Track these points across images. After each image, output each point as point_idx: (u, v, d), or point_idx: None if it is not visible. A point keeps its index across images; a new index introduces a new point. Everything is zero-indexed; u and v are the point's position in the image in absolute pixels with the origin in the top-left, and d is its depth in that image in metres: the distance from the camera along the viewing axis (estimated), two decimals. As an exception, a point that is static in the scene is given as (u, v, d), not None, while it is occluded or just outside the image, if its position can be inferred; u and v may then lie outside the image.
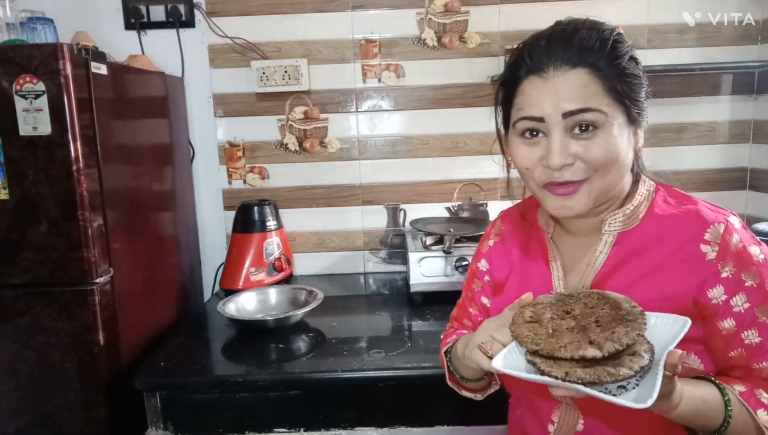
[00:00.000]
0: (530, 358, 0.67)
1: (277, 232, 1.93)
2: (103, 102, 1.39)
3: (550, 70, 0.76)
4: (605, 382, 0.61)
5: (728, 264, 0.74)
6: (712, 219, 0.77)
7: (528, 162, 0.80)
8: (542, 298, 0.76)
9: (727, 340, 0.76)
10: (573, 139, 0.75)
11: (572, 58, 0.75)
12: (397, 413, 1.33)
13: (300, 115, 1.98)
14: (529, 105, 0.77)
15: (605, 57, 0.75)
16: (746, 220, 1.96)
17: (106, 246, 1.39)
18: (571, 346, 0.64)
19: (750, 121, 1.96)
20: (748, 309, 0.74)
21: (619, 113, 0.76)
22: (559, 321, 0.70)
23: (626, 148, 0.78)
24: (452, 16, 1.92)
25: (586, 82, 0.74)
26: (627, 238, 0.82)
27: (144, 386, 1.32)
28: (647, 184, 0.86)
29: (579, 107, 0.74)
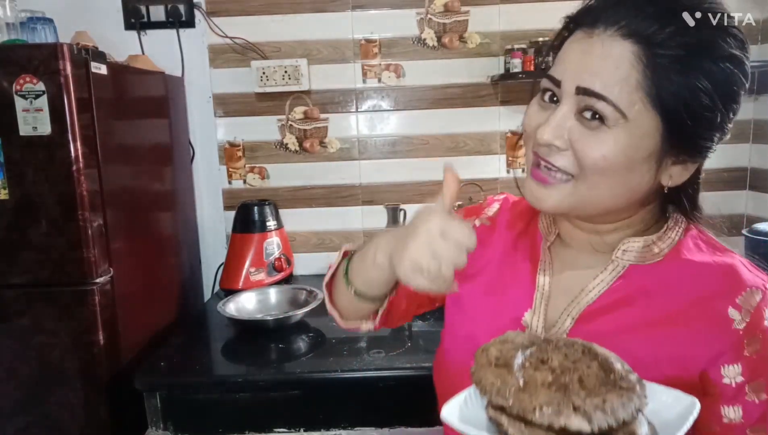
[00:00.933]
0: (493, 415, 0.52)
1: (277, 232, 1.93)
2: (103, 102, 1.39)
3: (599, 26, 0.58)
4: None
5: (755, 342, 0.59)
6: (751, 282, 0.62)
7: (528, 124, 0.65)
8: (512, 335, 0.59)
9: (727, 432, 0.61)
10: (578, 121, 0.60)
11: (632, 23, 0.56)
12: (397, 413, 1.33)
13: (300, 115, 1.98)
14: (559, 61, 0.62)
15: (678, 43, 0.55)
16: (746, 220, 1.97)
17: (106, 246, 1.39)
18: (550, 409, 0.48)
19: (750, 121, 1.96)
20: (763, 402, 0.59)
21: (647, 124, 0.58)
22: (533, 372, 0.53)
23: (634, 171, 0.60)
24: (452, 16, 1.92)
25: (621, 62, 0.56)
26: (639, 275, 0.66)
27: (144, 386, 1.32)
28: (677, 220, 0.69)
29: (595, 90, 0.57)
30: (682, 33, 0.55)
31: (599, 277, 0.67)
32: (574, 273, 0.70)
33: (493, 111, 1.96)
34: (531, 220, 0.79)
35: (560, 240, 0.74)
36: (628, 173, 0.60)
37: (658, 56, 0.55)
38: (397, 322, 0.85)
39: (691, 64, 0.56)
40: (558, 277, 0.72)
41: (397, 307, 0.82)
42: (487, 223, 0.82)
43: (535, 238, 0.76)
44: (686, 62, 0.56)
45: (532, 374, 0.52)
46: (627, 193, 0.62)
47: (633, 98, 0.56)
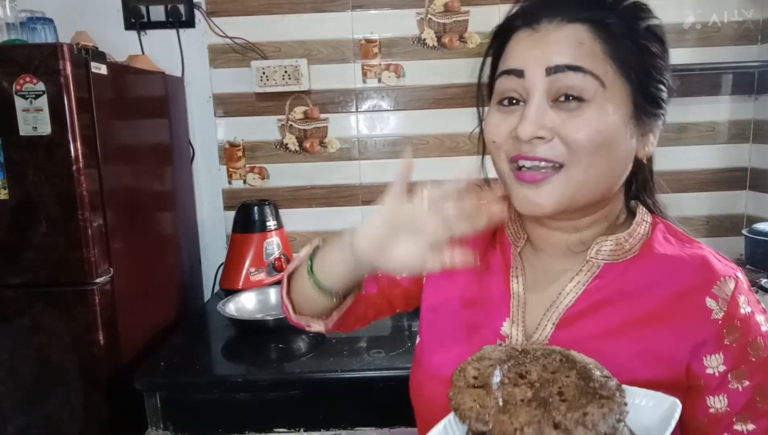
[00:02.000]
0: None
1: (277, 232, 1.93)
2: (103, 102, 1.39)
3: (542, 21, 0.61)
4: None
5: (734, 330, 0.60)
6: (723, 271, 0.63)
7: (497, 133, 0.64)
8: (489, 350, 0.58)
9: (714, 422, 0.61)
10: (554, 108, 0.60)
11: (572, 10, 0.60)
12: (397, 413, 1.33)
13: (300, 115, 1.97)
14: (511, 57, 0.63)
15: (616, 15, 0.60)
16: (746, 220, 1.97)
17: (106, 246, 1.39)
18: (531, 429, 0.47)
19: (750, 121, 1.96)
20: (746, 388, 0.60)
21: (620, 90, 0.60)
22: (512, 388, 0.52)
23: (623, 141, 0.61)
24: (452, 16, 1.92)
25: (583, 39, 0.59)
26: (615, 274, 0.66)
27: (144, 386, 1.32)
28: (644, 215, 0.70)
29: (568, 63, 0.58)
30: (613, 6, 0.61)
31: (575, 279, 0.67)
32: (547, 277, 0.70)
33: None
34: (498, 227, 0.77)
35: (530, 245, 0.73)
36: (615, 146, 0.61)
37: (609, 29, 0.60)
38: (352, 325, 0.84)
39: (634, 30, 0.61)
40: (532, 282, 0.71)
41: (354, 311, 0.80)
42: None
43: (504, 245, 0.75)
44: (630, 29, 0.61)
45: (511, 391, 0.51)
46: (616, 167, 0.63)
47: (604, 67, 0.59)
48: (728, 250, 1.96)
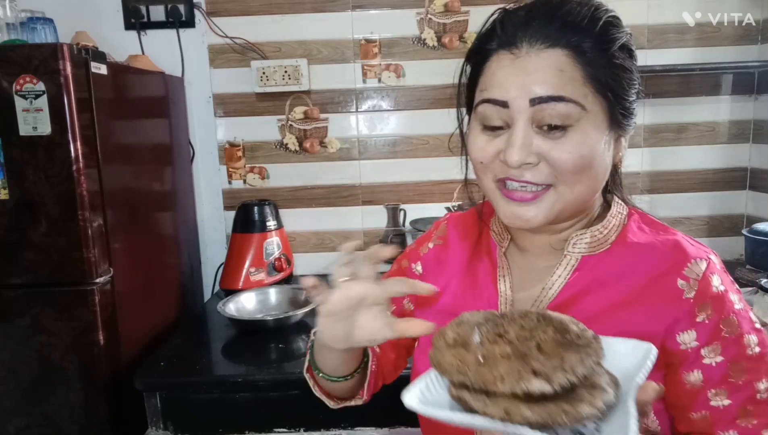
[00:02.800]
0: (456, 393, 0.51)
1: (277, 232, 1.93)
2: (103, 102, 1.39)
3: (523, 46, 0.63)
4: (560, 424, 0.46)
5: (706, 308, 0.63)
6: (694, 253, 0.66)
7: (484, 155, 0.66)
8: (467, 316, 0.58)
9: (691, 396, 0.64)
10: (539, 134, 0.62)
11: (551, 35, 0.62)
12: (397, 413, 1.33)
13: (300, 115, 1.97)
14: (493, 85, 0.64)
15: (591, 38, 0.62)
16: (746, 220, 1.97)
17: (106, 246, 1.39)
18: (510, 377, 0.48)
19: (750, 121, 1.96)
20: (720, 363, 0.63)
21: (599, 110, 0.63)
22: (491, 346, 0.52)
23: (603, 155, 0.65)
24: (452, 16, 1.92)
25: (563, 66, 0.61)
26: (592, 264, 0.69)
27: (144, 386, 1.32)
28: (620, 207, 0.74)
29: (551, 93, 0.61)
30: (590, 29, 0.63)
31: (556, 274, 0.71)
32: (532, 275, 0.73)
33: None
34: (482, 230, 0.81)
35: (514, 245, 0.77)
36: (597, 162, 0.64)
37: (584, 52, 0.62)
38: (389, 376, 0.86)
39: (606, 49, 0.63)
40: (518, 281, 0.74)
41: (387, 361, 0.84)
42: (440, 242, 0.84)
43: (489, 247, 0.79)
44: (603, 49, 0.63)
45: (491, 348, 0.52)
46: (598, 180, 0.67)
47: (584, 90, 0.62)
48: (728, 250, 1.96)
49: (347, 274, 0.63)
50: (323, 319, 0.65)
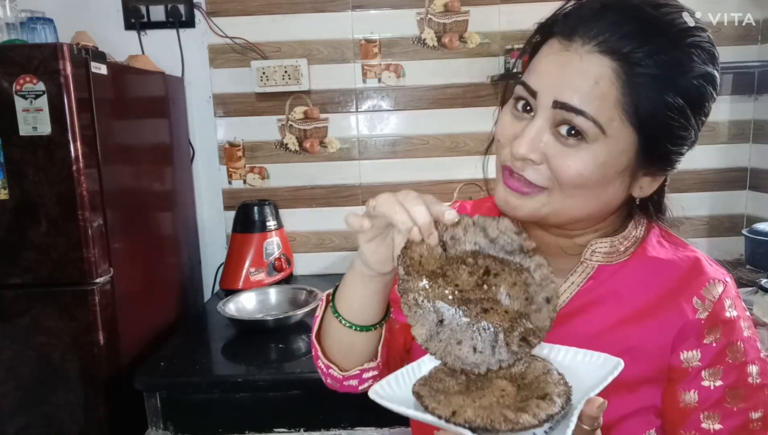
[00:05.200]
0: (416, 390, 0.53)
1: (277, 232, 1.93)
2: (103, 102, 1.39)
3: (577, 41, 0.57)
4: (499, 430, 0.47)
5: (716, 331, 0.63)
6: (713, 274, 0.65)
7: (502, 134, 0.64)
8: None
9: (683, 415, 0.63)
10: (554, 136, 0.59)
11: (610, 39, 0.55)
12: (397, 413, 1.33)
13: (300, 115, 1.97)
14: (535, 71, 0.61)
15: (653, 60, 0.55)
16: (746, 220, 1.97)
17: (106, 246, 1.39)
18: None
19: (750, 121, 1.96)
20: (718, 387, 0.62)
21: (624, 140, 0.58)
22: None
23: (611, 185, 0.61)
24: (452, 16, 1.92)
25: (601, 78, 0.56)
26: (608, 275, 0.67)
27: (144, 386, 1.32)
28: (639, 219, 0.71)
29: (574, 105, 0.56)
30: (659, 52, 0.55)
31: (570, 280, 0.68)
32: None
33: (493, 111, 1.95)
34: None
35: None
36: (603, 187, 0.61)
37: (635, 74, 0.55)
38: (400, 362, 0.82)
39: (667, 82, 0.56)
40: None
41: (396, 344, 0.80)
42: None
43: None
44: (663, 80, 0.56)
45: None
46: (600, 205, 0.63)
47: (612, 114, 0.56)
48: (728, 250, 1.96)
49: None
50: (365, 245, 0.61)
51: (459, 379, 0.56)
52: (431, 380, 0.55)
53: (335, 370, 0.75)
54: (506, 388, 0.53)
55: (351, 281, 0.68)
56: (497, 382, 0.54)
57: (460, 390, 0.54)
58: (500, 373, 0.55)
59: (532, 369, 0.54)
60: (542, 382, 0.52)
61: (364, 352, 0.73)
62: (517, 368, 0.55)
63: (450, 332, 0.56)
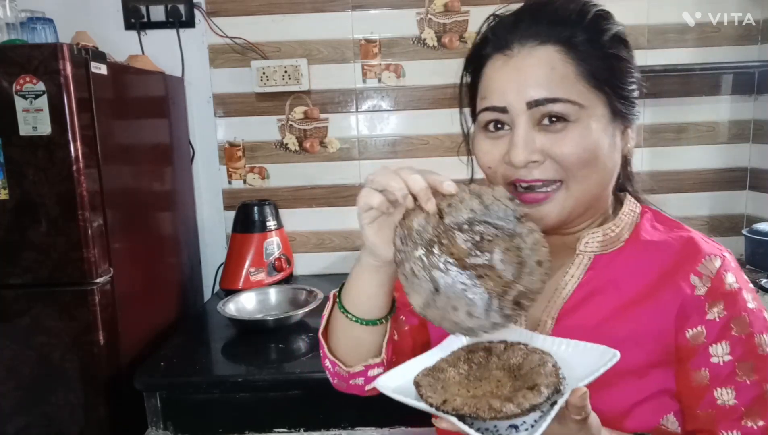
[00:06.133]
0: (418, 380, 0.56)
1: (277, 232, 1.93)
2: (103, 102, 1.39)
3: (514, 46, 0.64)
4: (482, 418, 0.49)
5: (717, 305, 0.63)
6: (708, 250, 0.66)
7: (491, 160, 0.67)
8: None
9: (697, 393, 0.64)
10: (541, 131, 0.63)
11: (541, 32, 0.63)
12: (397, 413, 1.33)
13: (300, 115, 1.97)
14: (491, 91, 0.66)
15: (582, 32, 0.63)
16: (746, 220, 1.96)
17: (106, 246, 1.39)
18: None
19: (750, 121, 1.95)
20: (728, 362, 0.62)
21: (598, 104, 0.64)
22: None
23: (608, 148, 0.65)
24: (452, 16, 1.91)
25: (555, 63, 0.62)
26: (605, 263, 0.69)
27: (144, 386, 1.32)
28: (632, 205, 0.73)
29: (545, 96, 0.62)
30: (579, 23, 0.64)
31: (569, 273, 0.70)
32: None
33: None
34: None
35: None
36: (603, 155, 0.65)
37: (575, 45, 0.63)
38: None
39: (599, 40, 0.64)
40: None
41: (405, 346, 0.80)
42: None
43: None
44: (596, 41, 0.64)
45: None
46: (607, 173, 0.67)
47: (578, 88, 0.63)
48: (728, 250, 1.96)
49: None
50: (368, 227, 0.64)
51: (460, 369, 0.58)
52: (434, 371, 0.58)
53: (341, 368, 0.75)
54: (502, 379, 0.56)
55: (357, 275, 0.70)
56: (495, 373, 0.57)
57: (460, 380, 0.57)
58: (498, 364, 0.58)
59: (528, 361, 0.56)
60: (535, 374, 0.54)
61: (369, 348, 0.74)
62: (515, 360, 0.57)
63: (446, 299, 0.58)
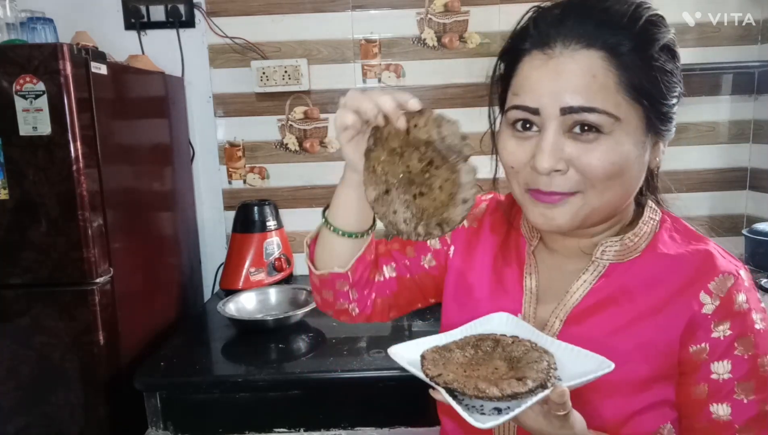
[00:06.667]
0: (425, 354, 0.63)
1: (277, 232, 1.93)
2: (103, 102, 1.39)
3: (557, 46, 0.60)
4: (467, 395, 0.55)
5: (723, 324, 0.62)
6: (724, 268, 0.64)
7: (514, 160, 0.66)
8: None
9: (695, 408, 0.64)
10: (570, 139, 0.61)
11: (587, 33, 0.59)
12: (397, 413, 1.33)
13: (300, 115, 1.97)
14: (525, 90, 0.63)
15: (630, 39, 0.59)
16: (746, 220, 1.97)
17: (106, 246, 1.39)
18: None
19: (750, 121, 1.95)
20: (728, 380, 0.62)
21: (634, 117, 0.61)
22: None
23: (637, 164, 0.63)
24: (452, 16, 1.92)
25: (596, 71, 0.59)
26: (620, 272, 0.68)
27: (144, 386, 1.32)
28: (652, 212, 0.72)
29: (582, 104, 0.59)
30: (630, 29, 0.60)
31: (582, 278, 0.70)
32: (558, 275, 0.73)
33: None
34: (513, 223, 0.81)
35: (543, 244, 0.76)
36: (630, 170, 0.62)
37: (621, 54, 0.59)
38: (388, 311, 0.88)
39: (647, 50, 0.60)
40: (544, 280, 0.74)
41: (384, 293, 0.85)
42: (474, 224, 0.84)
43: (518, 242, 0.78)
44: (643, 50, 0.60)
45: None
46: (631, 187, 0.65)
47: (617, 99, 0.60)
48: (728, 250, 1.96)
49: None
50: (347, 146, 0.71)
51: (467, 352, 0.64)
52: (443, 350, 0.64)
53: (313, 273, 0.82)
54: (500, 367, 0.61)
55: (340, 190, 0.77)
56: (496, 361, 0.62)
57: (462, 362, 0.62)
58: (502, 354, 0.63)
59: (528, 356, 0.60)
60: (528, 368, 0.57)
61: (341, 260, 0.80)
62: (517, 353, 0.62)
63: (391, 202, 0.68)
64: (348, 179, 0.75)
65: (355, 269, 0.80)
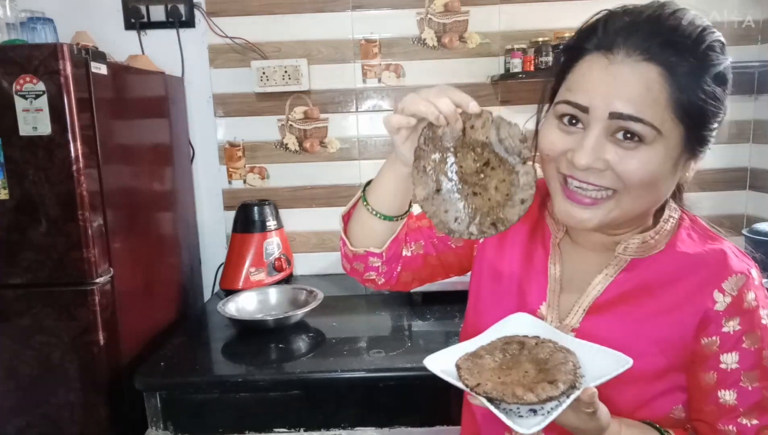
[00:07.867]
0: (458, 363, 0.66)
1: (277, 232, 1.93)
2: (103, 102, 1.39)
3: (620, 53, 0.62)
4: (507, 402, 0.59)
5: (734, 320, 0.68)
6: (737, 268, 0.69)
7: (552, 150, 0.68)
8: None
9: (704, 393, 0.70)
10: (612, 143, 0.64)
11: (651, 47, 0.61)
12: (397, 413, 1.33)
13: (300, 115, 1.98)
14: (580, 88, 0.65)
15: (689, 61, 0.61)
16: (746, 220, 1.96)
17: (106, 246, 1.39)
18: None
19: (750, 121, 1.95)
20: (735, 370, 0.68)
21: (675, 134, 0.63)
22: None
23: (669, 176, 0.66)
24: (452, 16, 1.92)
25: (652, 84, 0.61)
26: (641, 268, 0.73)
27: (144, 386, 1.32)
28: (672, 211, 0.75)
29: (631, 113, 0.61)
30: (692, 51, 0.62)
31: (604, 271, 0.74)
32: (582, 268, 0.76)
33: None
34: (539, 215, 0.84)
35: (568, 236, 0.80)
36: (663, 182, 0.66)
37: (678, 75, 0.61)
38: (410, 282, 0.91)
39: (702, 76, 0.63)
40: (568, 271, 0.78)
41: (411, 266, 0.88)
42: None
43: (544, 234, 0.82)
44: (699, 75, 0.62)
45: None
46: (660, 196, 0.69)
47: (664, 116, 0.62)
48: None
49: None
50: (402, 146, 0.72)
51: (496, 357, 0.67)
52: (474, 356, 0.67)
53: (348, 247, 0.85)
54: (530, 370, 0.64)
55: (385, 176, 0.79)
56: (525, 365, 0.65)
57: (494, 367, 0.65)
58: (529, 357, 0.66)
59: (554, 358, 0.64)
60: (557, 370, 0.61)
61: (377, 239, 0.83)
62: (543, 355, 0.65)
63: (442, 201, 0.69)
64: (396, 170, 0.76)
65: (389, 248, 0.83)
